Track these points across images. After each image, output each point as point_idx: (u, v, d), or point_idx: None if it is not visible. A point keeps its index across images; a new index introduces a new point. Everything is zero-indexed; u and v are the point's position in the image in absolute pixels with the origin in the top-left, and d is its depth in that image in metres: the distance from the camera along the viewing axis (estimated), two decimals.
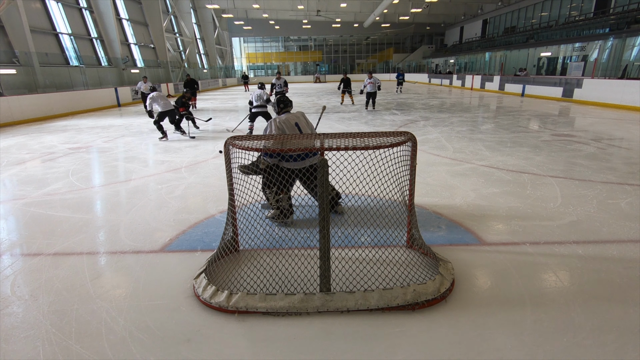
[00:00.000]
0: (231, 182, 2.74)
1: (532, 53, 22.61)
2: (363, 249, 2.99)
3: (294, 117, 3.53)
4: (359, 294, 2.30)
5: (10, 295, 2.50)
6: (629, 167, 5.19)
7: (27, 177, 5.45)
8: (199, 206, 4.10)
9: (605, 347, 1.94)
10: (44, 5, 15.73)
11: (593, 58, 17.70)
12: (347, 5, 34.66)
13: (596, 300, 2.32)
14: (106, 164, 6.26)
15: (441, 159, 5.92)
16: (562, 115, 10.91)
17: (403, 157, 2.66)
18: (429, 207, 3.91)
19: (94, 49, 18.66)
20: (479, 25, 35.14)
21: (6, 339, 2.09)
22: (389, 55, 44.17)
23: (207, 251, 3.05)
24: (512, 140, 7.32)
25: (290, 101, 3.81)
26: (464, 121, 10.00)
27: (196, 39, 31.73)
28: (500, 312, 2.24)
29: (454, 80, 26.09)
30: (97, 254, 3.07)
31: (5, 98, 11.37)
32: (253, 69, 44.73)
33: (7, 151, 7.40)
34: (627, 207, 3.79)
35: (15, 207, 4.21)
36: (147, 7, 23.66)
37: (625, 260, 2.78)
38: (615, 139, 7.29)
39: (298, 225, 3.47)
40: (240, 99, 19.45)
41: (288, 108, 3.74)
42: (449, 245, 3.10)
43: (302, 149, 2.42)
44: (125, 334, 2.10)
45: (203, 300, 2.35)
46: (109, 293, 2.50)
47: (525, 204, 3.92)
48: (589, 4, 22.46)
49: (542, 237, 3.17)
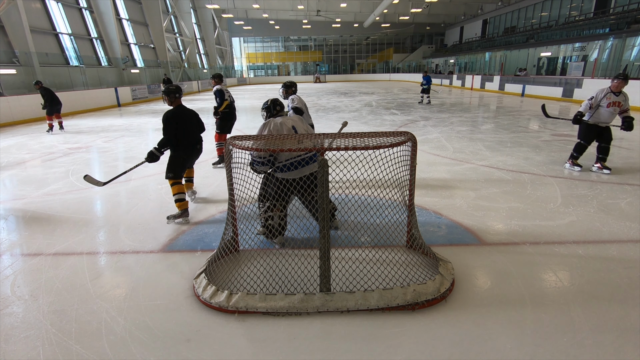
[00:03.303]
0: (231, 182, 2.74)
1: (532, 53, 22.61)
2: (363, 249, 2.99)
3: (290, 121, 3.21)
4: (359, 294, 2.30)
5: (10, 295, 2.50)
6: (629, 167, 5.19)
7: (27, 177, 5.45)
8: (199, 206, 4.09)
9: (605, 347, 1.94)
10: (44, 5, 15.73)
11: (593, 58, 17.69)
12: (347, 5, 34.66)
13: (596, 300, 2.32)
14: (106, 164, 6.26)
15: (441, 159, 5.92)
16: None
17: (403, 157, 2.66)
18: (429, 207, 3.91)
19: (94, 49, 18.66)
20: (479, 25, 35.13)
21: (6, 339, 2.09)
22: (389, 55, 44.17)
23: (207, 251, 3.05)
24: (512, 140, 7.32)
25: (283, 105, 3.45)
26: (464, 121, 9.99)
27: (196, 39, 31.73)
28: (500, 312, 2.24)
29: (454, 80, 26.09)
30: (97, 254, 3.07)
31: (5, 98, 11.37)
32: (253, 69, 44.73)
33: (7, 151, 7.40)
34: (627, 207, 3.79)
35: (15, 207, 4.21)
36: (147, 7, 23.67)
37: (625, 260, 2.78)
38: (615, 139, 7.26)
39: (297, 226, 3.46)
40: (240, 99, 19.44)
41: (283, 112, 3.39)
42: (449, 245, 3.10)
43: (300, 149, 2.40)
44: (125, 334, 2.10)
45: (203, 300, 2.35)
46: (109, 293, 2.50)
47: (525, 204, 3.92)
48: (589, 4, 22.46)
49: (542, 237, 3.17)
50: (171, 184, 3.69)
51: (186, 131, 3.74)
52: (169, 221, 3.63)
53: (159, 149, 3.68)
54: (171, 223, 3.62)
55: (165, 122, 3.63)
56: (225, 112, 5.69)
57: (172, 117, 3.64)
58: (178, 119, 3.67)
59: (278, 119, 3.13)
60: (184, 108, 3.79)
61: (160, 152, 3.70)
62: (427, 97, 14.52)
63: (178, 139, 3.68)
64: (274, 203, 3.02)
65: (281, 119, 3.14)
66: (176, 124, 3.65)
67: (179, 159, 3.74)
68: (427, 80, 14.16)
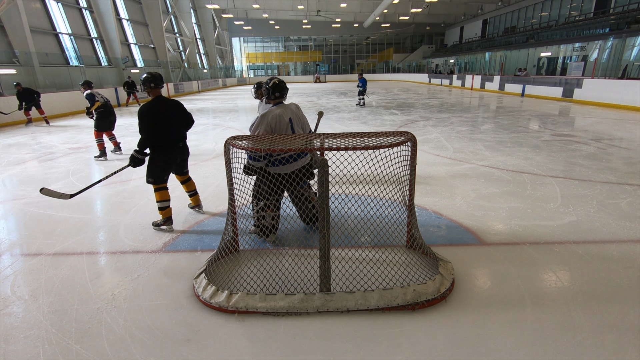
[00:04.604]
0: (231, 182, 2.74)
1: (532, 53, 22.62)
2: (363, 249, 2.99)
3: (289, 112, 3.09)
4: (359, 294, 2.30)
5: (10, 295, 2.50)
6: (629, 167, 5.19)
7: (27, 177, 5.45)
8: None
9: (605, 347, 1.94)
10: (44, 5, 15.73)
11: (593, 58, 17.70)
12: (347, 5, 34.64)
13: (596, 300, 2.32)
14: (106, 164, 6.25)
15: (441, 159, 5.92)
16: (562, 115, 10.91)
17: (403, 157, 2.66)
18: (429, 207, 3.91)
19: (94, 49, 18.66)
20: (479, 25, 35.12)
21: (6, 339, 2.09)
22: (389, 55, 44.18)
23: (207, 251, 3.05)
24: (512, 140, 7.32)
25: (287, 88, 3.19)
26: (464, 121, 10.00)
27: (196, 39, 31.72)
28: (500, 312, 2.24)
29: (454, 80, 26.09)
30: (97, 254, 3.07)
31: (5, 98, 11.37)
32: (253, 69, 44.72)
33: (7, 151, 7.40)
34: (627, 207, 3.79)
35: (15, 207, 4.21)
36: (147, 7, 23.66)
37: (625, 260, 2.78)
38: (615, 139, 7.28)
39: (297, 226, 3.46)
40: (240, 99, 19.45)
41: (283, 98, 3.16)
42: (449, 245, 3.10)
43: (298, 148, 2.40)
44: (125, 334, 2.10)
45: (203, 300, 2.35)
46: (109, 293, 2.50)
47: (525, 204, 3.92)
48: (589, 4, 22.46)
49: (542, 237, 3.17)
50: (154, 190, 3.41)
51: (164, 128, 3.27)
52: (154, 228, 3.50)
53: (139, 150, 3.25)
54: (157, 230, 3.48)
55: (139, 118, 3.19)
56: (101, 111, 6.37)
57: (146, 111, 3.19)
58: (153, 114, 3.23)
59: (277, 111, 3.04)
60: (161, 100, 3.33)
61: (143, 154, 3.29)
62: (361, 98, 14.00)
63: (155, 137, 3.26)
64: (267, 203, 3.03)
65: (279, 110, 3.05)
66: (152, 119, 3.20)
67: (158, 162, 3.35)
68: (363, 82, 13.65)
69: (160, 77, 3.36)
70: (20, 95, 10.61)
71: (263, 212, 3.06)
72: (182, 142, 3.52)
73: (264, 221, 3.08)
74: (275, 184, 2.90)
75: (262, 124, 2.98)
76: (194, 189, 3.84)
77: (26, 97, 10.68)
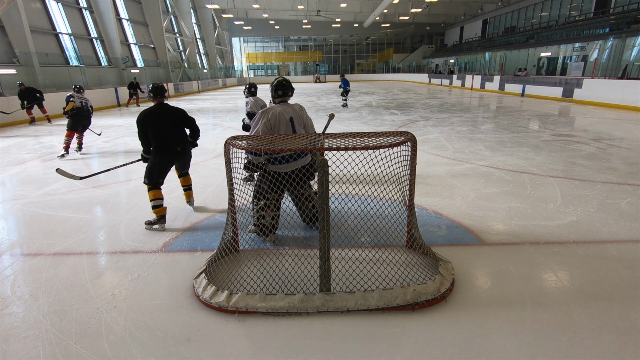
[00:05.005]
0: (231, 182, 2.74)
1: (532, 53, 22.61)
2: (363, 249, 2.99)
3: (290, 111, 3.09)
4: (359, 294, 2.30)
5: (10, 295, 2.50)
6: (629, 167, 5.19)
7: (27, 177, 5.45)
8: (199, 206, 4.09)
9: (605, 347, 1.94)
10: (44, 5, 15.73)
11: (593, 58, 17.70)
12: (347, 5, 34.64)
13: (596, 300, 2.32)
14: (106, 164, 6.25)
15: (441, 159, 5.92)
16: (562, 115, 10.91)
17: (403, 157, 2.66)
18: (429, 207, 3.91)
19: (94, 49, 18.66)
20: (479, 25, 35.11)
21: (6, 339, 2.09)
22: (389, 55, 44.16)
23: (207, 251, 3.05)
24: (512, 140, 7.32)
25: (291, 88, 3.21)
26: (464, 121, 9.99)
27: (196, 39, 31.72)
28: (500, 312, 2.24)
29: (454, 80, 26.09)
30: (97, 254, 3.07)
31: (5, 98, 11.37)
32: (253, 69, 44.72)
33: (7, 151, 7.40)
34: (627, 207, 3.79)
35: (15, 207, 4.21)
36: (147, 7, 23.66)
37: (625, 260, 2.78)
38: (615, 139, 7.28)
39: (297, 226, 3.46)
40: (240, 99, 19.44)
41: (287, 97, 3.18)
42: (449, 245, 3.10)
43: (299, 148, 2.40)
44: (125, 334, 2.10)
45: (203, 300, 2.35)
46: (109, 293, 2.50)
47: (525, 204, 3.92)
48: (589, 4, 22.44)
49: (542, 237, 3.17)
50: (147, 189, 3.56)
51: (159, 134, 3.45)
52: (146, 227, 3.53)
53: (143, 155, 3.62)
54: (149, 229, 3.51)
55: (137, 125, 3.45)
56: (74, 113, 6.71)
57: (142, 119, 3.42)
58: (148, 121, 3.43)
59: (278, 109, 3.06)
60: (159, 107, 3.50)
61: (148, 154, 3.59)
62: (345, 99, 13.95)
63: (151, 141, 3.46)
64: (267, 203, 3.04)
65: (281, 108, 3.07)
66: (148, 126, 3.42)
67: (154, 165, 3.51)
68: (344, 83, 13.57)
69: (160, 88, 3.59)
70: (22, 95, 10.75)
71: (263, 212, 3.07)
72: (181, 147, 3.63)
73: (263, 220, 3.10)
74: (275, 183, 2.91)
75: (262, 119, 3.01)
76: (189, 184, 3.96)
77: (28, 96, 10.81)
